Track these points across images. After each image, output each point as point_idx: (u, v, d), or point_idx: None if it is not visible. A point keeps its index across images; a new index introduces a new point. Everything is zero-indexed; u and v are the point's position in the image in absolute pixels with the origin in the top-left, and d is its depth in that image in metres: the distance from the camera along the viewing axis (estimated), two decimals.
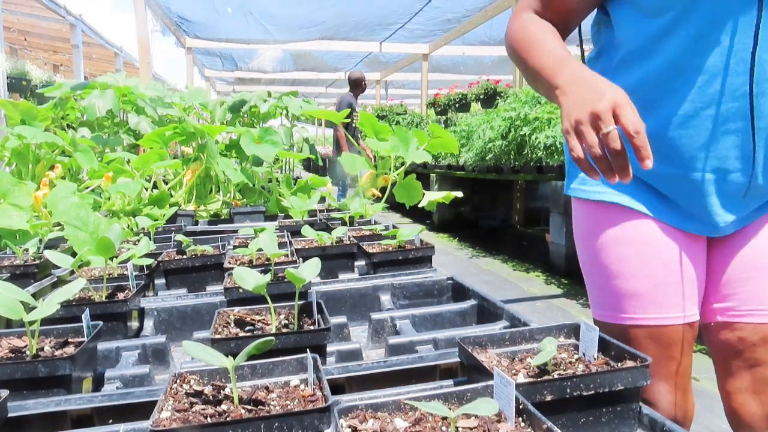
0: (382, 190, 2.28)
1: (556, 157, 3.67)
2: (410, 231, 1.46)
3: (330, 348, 0.94)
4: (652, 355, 0.84)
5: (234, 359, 0.62)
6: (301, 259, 1.23)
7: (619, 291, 0.97)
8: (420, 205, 2.14)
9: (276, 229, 1.77)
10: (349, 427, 0.56)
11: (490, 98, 7.07)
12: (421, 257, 1.41)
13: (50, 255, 1.12)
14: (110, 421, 0.71)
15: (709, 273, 1.00)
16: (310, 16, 7.80)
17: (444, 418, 0.57)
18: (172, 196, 2.30)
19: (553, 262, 4.66)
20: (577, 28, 1.05)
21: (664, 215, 0.96)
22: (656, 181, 0.96)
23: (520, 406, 0.57)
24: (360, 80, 6.94)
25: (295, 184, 2.50)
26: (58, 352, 0.81)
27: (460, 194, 2.12)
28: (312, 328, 0.87)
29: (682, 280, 0.96)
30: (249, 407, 0.60)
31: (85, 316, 0.86)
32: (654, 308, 0.95)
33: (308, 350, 0.68)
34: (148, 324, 1.14)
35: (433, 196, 2.10)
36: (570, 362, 0.72)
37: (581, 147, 0.76)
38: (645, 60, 0.92)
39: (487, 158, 4.68)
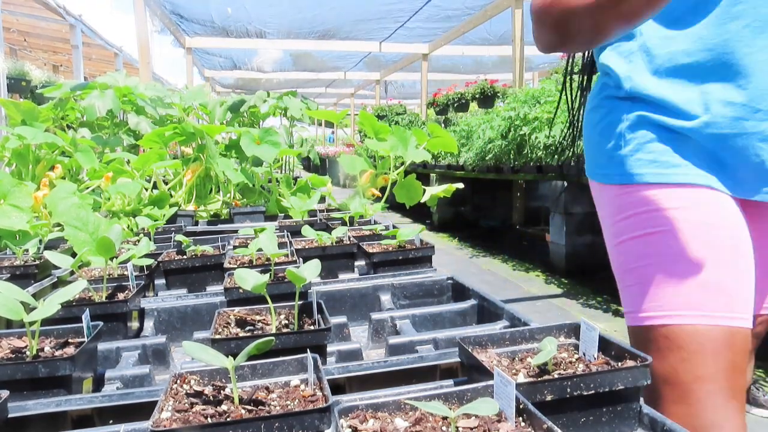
0: (382, 190, 2.28)
1: (555, 157, 3.67)
2: (410, 231, 1.46)
3: (330, 348, 0.94)
4: (725, 366, 0.79)
5: (234, 359, 0.62)
6: (301, 259, 1.23)
7: (702, 283, 0.83)
8: (422, 201, 2.17)
9: (276, 230, 1.77)
10: (350, 427, 0.56)
11: (487, 98, 7.07)
12: (421, 257, 1.40)
13: (50, 255, 1.12)
14: (110, 421, 0.71)
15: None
16: (309, 13, 7.81)
17: (444, 418, 0.57)
18: (172, 196, 2.30)
19: (553, 262, 4.66)
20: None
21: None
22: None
23: (521, 406, 0.57)
24: None
25: (295, 184, 2.50)
26: (58, 353, 0.81)
27: (461, 185, 2.18)
28: (312, 328, 0.86)
29: (754, 273, 0.85)
30: (249, 407, 0.60)
31: (86, 316, 0.86)
32: (742, 306, 0.82)
33: (308, 350, 0.68)
34: (149, 324, 1.13)
35: (434, 191, 2.13)
36: (570, 362, 0.72)
37: None
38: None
39: (487, 158, 4.68)
